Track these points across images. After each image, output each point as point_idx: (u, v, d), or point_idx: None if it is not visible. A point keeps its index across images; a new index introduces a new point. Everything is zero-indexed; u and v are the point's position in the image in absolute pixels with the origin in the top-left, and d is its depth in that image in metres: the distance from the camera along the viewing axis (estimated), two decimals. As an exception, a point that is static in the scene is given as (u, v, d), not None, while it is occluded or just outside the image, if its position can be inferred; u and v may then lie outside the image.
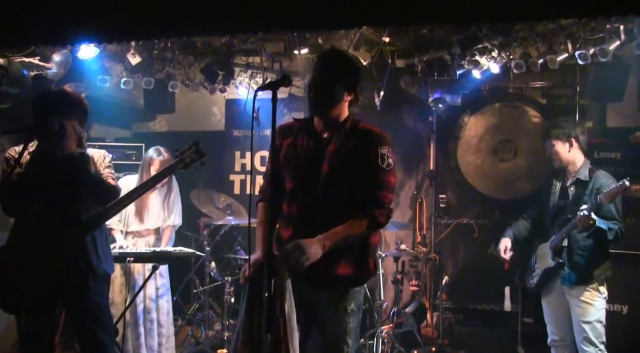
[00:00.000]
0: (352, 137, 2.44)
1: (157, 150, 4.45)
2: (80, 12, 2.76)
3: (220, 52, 5.41)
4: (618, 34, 4.19)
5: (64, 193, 2.79)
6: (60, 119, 2.75)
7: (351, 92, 2.49)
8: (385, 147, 2.42)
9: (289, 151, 2.52)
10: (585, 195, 3.43)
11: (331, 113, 2.47)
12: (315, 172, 2.43)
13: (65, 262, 2.72)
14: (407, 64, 5.28)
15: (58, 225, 2.75)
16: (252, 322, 2.21)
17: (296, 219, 2.44)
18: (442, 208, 5.67)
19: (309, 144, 2.49)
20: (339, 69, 2.47)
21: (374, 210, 2.38)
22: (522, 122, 5.48)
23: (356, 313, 2.48)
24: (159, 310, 4.47)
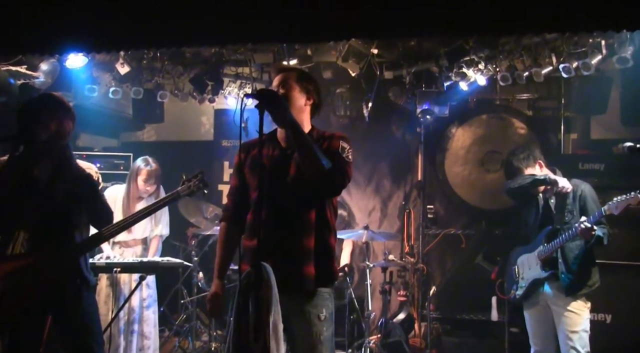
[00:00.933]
0: (318, 143, 2.52)
1: (145, 160, 4.44)
2: (69, 21, 2.76)
3: (209, 62, 5.43)
4: (600, 49, 4.28)
5: (58, 211, 2.74)
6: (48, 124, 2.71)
7: (310, 97, 2.59)
8: (346, 142, 2.53)
9: (253, 162, 2.58)
10: (568, 205, 3.48)
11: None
12: (282, 177, 2.49)
13: (60, 278, 2.69)
14: (395, 75, 5.34)
15: (51, 245, 2.71)
16: (240, 332, 2.21)
17: (264, 224, 2.41)
18: (430, 218, 5.70)
19: (274, 152, 2.57)
20: (296, 80, 2.57)
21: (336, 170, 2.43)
22: (509, 134, 5.55)
23: (329, 321, 2.48)
24: (144, 321, 4.44)
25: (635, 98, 4.79)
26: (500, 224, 5.45)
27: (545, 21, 2.36)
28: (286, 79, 2.57)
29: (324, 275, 2.48)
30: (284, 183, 2.48)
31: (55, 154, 2.77)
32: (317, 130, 2.63)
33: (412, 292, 5.57)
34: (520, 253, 3.73)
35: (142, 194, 4.40)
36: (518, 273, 3.69)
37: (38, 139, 2.69)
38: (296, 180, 2.47)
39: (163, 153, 5.25)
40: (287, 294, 2.34)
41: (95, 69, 5.38)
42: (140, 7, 2.70)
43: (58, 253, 2.69)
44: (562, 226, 3.46)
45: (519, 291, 3.64)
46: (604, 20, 2.21)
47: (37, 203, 2.71)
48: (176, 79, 5.59)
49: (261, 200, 2.45)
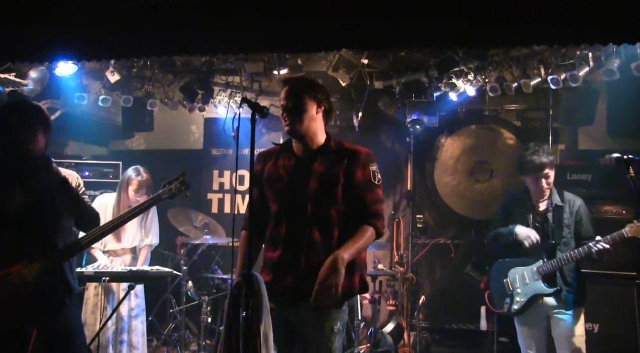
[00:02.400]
0: (340, 157, 2.52)
1: (136, 170, 4.42)
2: (59, 29, 2.76)
3: (199, 71, 5.43)
4: (587, 61, 4.34)
5: (40, 216, 2.71)
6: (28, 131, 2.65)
7: (320, 104, 2.55)
8: (374, 165, 2.57)
9: (271, 173, 2.56)
10: (565, 219, 3.44)
11: (306, 130, 2.52)
12: (302, 190, 2.48)
13: (43, 286, 2.66)
14: (385, 85, 5.37)
15: (33, 251, 2.67)
16: (230, 342, 2.20)
17: (284, 239, 2.46)
18: (419, 228, 5.72)
19: (290, 163, 2.54)
20: (305, 89, 2.55)
21: (376, 222, 2.51)
22: (498, 144, 5.60)
23: (341, 332, 2.50)
24: (132, 331, 4.39)
25: (621, 109, 4.86)
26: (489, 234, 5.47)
27: (533, 34, 2.39)
28: (294, 90, 2.54)
29: (343, 293, 2.42)
30: (304, 196, 2.47)
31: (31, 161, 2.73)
32: (334, 140, 2.60)
33: (401, 302, 5.57)
34: (510, 266, 3.63)
35: (132, 204, 4.36)
36: (511, 287, 3.58)
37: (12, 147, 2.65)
38: (317, 194, 2.46)
39: (152, 161, 5.23)
40: (305, 307, 2.36)
41: (85, 76, 5.36)
42: (130, 16, 2.70)
43: (40, 263, 2.65)
44: (560, 241, 3.41)
45: (516, 305, 3.53)
46: (591, 33, 2.25)
47: (15, 211, 2.67)
48: (166, 87, 5.59)
49: (281, 213, 2.49)
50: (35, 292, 2.63)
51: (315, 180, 2.48)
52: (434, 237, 5.71)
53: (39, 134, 2.70)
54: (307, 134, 2.52)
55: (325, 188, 2.47)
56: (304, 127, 2.50)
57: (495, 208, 5.47)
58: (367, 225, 2.48)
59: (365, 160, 2.53)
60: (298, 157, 2.55)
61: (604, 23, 2.21)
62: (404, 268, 5.62)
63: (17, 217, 2.66)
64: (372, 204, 2.52)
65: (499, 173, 5.54)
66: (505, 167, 5.51)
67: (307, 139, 2.54)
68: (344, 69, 5.00)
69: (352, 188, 2.49)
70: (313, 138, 2.54)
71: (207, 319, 4.82)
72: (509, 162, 5.51)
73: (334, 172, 2.49)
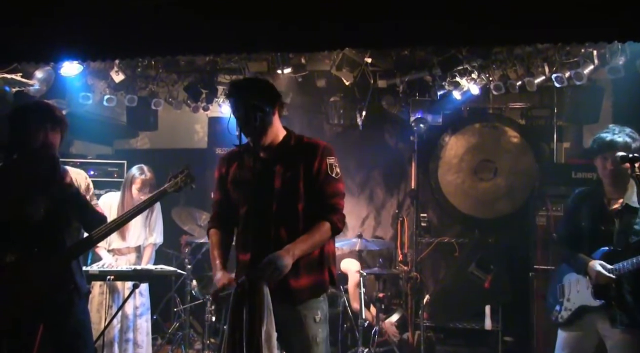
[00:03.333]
0: (299, 152, 2.53)
1: (140, 169, 4.44)
2: (65, 29, 2.77)
3: (203, 70, 5.44)
4: (592, 59, 4.32)
5: (48, 217, 2.72)
6: (43, 132, 2.69)
7: (269, 103, 2.51)
8: (332, 158, 2.52)
9: (237, 176, 2.56)
10: (637, 224, 2.93)
11: (263, 133, 2.50)
12: (267, 191, 2.48)
13: (52, 284, 2.68)
14: (389, 84, 5.37)
15: (42, 250, 2.69)
16: (234, 340, 2.21)
17: (253, 241, 2.46)
18: (423, 227, 5.70)
19: (255, 165, 2.54)
20: (253, 90, 2.52)
21: (332, 216, 2.47)
22: (502, 142, 5.58)
23: (324, 323, 2.50)
24: (136, 330, 4.42)
25: (627, 107, 4.84)
26: (494, 233, 5.47)
27: (537, 32, 2.39)
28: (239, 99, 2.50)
29: (314, 286, 2.48)
30: (269, 196, 2.47)
31: (44, 163, 2.75)
32: (294, 136, 2.59)
33: (405, 301, 5.56)
34: (567, 271, 3.20)
35: (136, 203, 4.38)
36: (563, 293, 3.18)
37: (27, 148, 2.68)
38: (282, 193, 2.47)
39: (157, 160, 5.25)
40: (280, 303, 2.34)
41: (90, 76, 5.39)
42: (134, 16, 2.71)
43: (49, 260, 2.67)
44: (622, 249, 2.92)
45: (564, 313, 3.13)
46: (596, 31, 2.24)
47: (25, 210, 2.69)
48: (170, 87, 5.60)
49: (250, 215, 2.48)
50: (44, 290, 2.65)
51: (279, 178, 2.48)
52: (438, 235, 5.69)
53: (57, 134, 2.74)
54: (265, 136, 2.51)
55: (288, 185, 2.47)
56: (260, 132, 2.48)
57: (499, 207, 5.52)
58: (324, 221, 2.45)
59: (323, 152, 2.50)
60: (260, 157, 2.54)
61: (608, 21, 2.20)
62: (408, 267, 5.61)
63: (28, 216, 2.68)
64: (329, 197, 2.49)
65: (503, 171, 5.53)
66: (509, 165, 5.50)
67: (266, 140, 2.52)
68: (347, 68, 5.00)
69: (311, 182, 2.48)
70: (271, 137, 2.53)
71: (211, 318, 4.83)
72: (514, 161, 5.51)
73: (295, 168, 2.48)
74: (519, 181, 5.43)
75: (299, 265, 2.40)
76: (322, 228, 2.44)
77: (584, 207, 3.12)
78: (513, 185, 5.46)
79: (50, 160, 2.75)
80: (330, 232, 2.47)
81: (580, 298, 3.06)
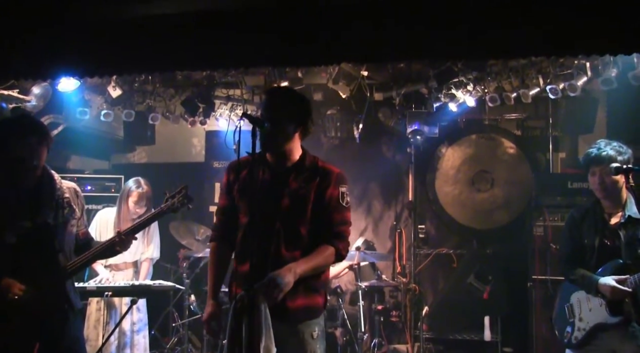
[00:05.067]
0: (313, 175, 2.51)
1: (137, 182, 4.43)
2: (61, 46, 2.78)
3: (200, 84, 5.47)
4: (585, 71, 4.37)
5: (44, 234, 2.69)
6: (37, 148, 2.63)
7: (300, 122, 2.51)
8: (344, 186, 2.54)
9: (244, 184, 2.52)
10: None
11: (283, 149, 2.51)
12: (273, 206, 2.45)
13: (46, 303, 2.66)
14: (385, 97, 5.41)
15: (36, 270, 2.66)
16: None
17: (253, 253, 2.40)
18: (421, 238, 5.72)
19: (265, 177, 2.52)
20: (287, 105, 2.50)
21: (338, 243, 2.48)
22: (498, 153, 5.61)
23: (321, 338, 2.49)
24: (134, 346, 4.38)
25: (621, 117, 4.88)
26: (492, 243, 5.48)
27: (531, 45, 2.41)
28: (273, 106, 2.49)
29: (309, 308, 2.47)
30: (275, 212, 2.45)
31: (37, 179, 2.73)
32: (309, 157, 2.58)
33: (404, 313, 5.55)
34: (574, 289, 3.10)
35: (132, 216, 4.38)
36: (573, 313, 3.06)
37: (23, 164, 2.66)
38: (288, 211, 2.46)
39: (154, 174, 5.25)
40: (277, 321, 2.32)
41: (87, 92, 5.39)
42: (131, 32, 2.73)
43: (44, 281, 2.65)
44: (632, 261, 2.86)
45: (577, 333, 3.00)
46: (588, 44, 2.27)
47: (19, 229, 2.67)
48: (167, 101, 5.62)
49: (251, 227, 2.45)
50: (38, 309, 2.63)
51: (288, 197, 2.46)
52: (436, 247, 5.70)
53: (45, 148, 2.70)
54: (284, 151, 2.51)
55: (296, 206, 2.46)
56: (281, 146, 2.49)
57: (497, 218, 5.53)
58: (328, 245, 2.46)
59: (337, 180, 2.52)
60: (273, 171, 2.53)
61: (600, 34, 2.23)
62: (407, 279, 5.61)
63: (21, 235, 2.66)
64: (337, 225, 2.50)
65: (500, 182, 5.54)
66: (506, 176, 5.52)
67: (283, 156, 2.52)
68: (344, 81, 5.03)
69: (321, 207, 2.47)
70: (289, 155, 2.53)
71: (210, 333, 4.80)
72: (510, 171, 5.53)
73: (306, 190, 2.47)
74: (516, 191, 5.45)
75: (297, 286, 2.36)
76: (327, 252, 2.45)
77: (585, 225, 3.07)
78: (510, 196, 5.47)
79: (42, 175, 2.73)
80: (334, 257, 2.48)
81: (594, 317, 2.95)
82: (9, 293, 2.56)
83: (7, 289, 2.56)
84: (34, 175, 2.71)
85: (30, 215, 2.67)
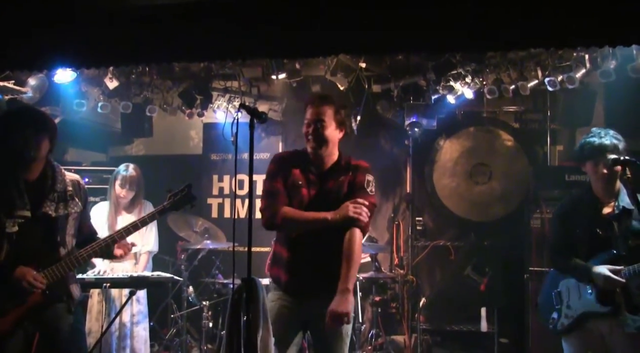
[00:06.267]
0: (346, 172, 2.77)
1: (125, 166, 4.45)
2: (58, 38, 2.77)
3: (198, 76, 5.45)
4: (584, 63, 4.36)
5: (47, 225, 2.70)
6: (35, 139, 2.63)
7: (342, 128, 2.79)
8: (370, 176, 2.79)
9: (295, 182, 2.73)
10: (633, 226, 2.89)
11: (327, 152, 2.75)
12: (315, 205, 2.69)
13: (46, 297, 2.67)
14: (383, 89, 5.40)
15: (36, 260, 2.67)
16: (232, 347, 2.21)
17: (298, 243, 2.69)
18: (418, 230, 5.73)
19: (311, 178, 2.75)
20: (330, 111, 2.75)
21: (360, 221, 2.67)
22: (496, 146, 5.61)
23: (349, 336, 2.72)
24: (134, 337, 4.40)
25: (619, 110, 4.88)
26: (489, 236, 5.49)
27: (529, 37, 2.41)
28: (323, 114, 2.72)
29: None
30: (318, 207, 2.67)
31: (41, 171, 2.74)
32: (344, 158, 2.81)
33: (401, 304, 5.58)
34: (562, 277, 3.11)
35: (119, 200, 4.38)
36: (561, 300, 3.07)
37: (21, 155, 2.65)
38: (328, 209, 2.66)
39: (152, 167, 5.25)
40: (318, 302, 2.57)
41: (84, 83, 5.37)
42: (128, 23, 2.71)
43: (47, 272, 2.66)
44: (625, 252, 2.86)
45: (564, 320, 3.01)
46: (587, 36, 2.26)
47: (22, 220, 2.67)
48: (165, 93, 5.61)
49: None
50: (40, 299, 2.64)
51: (328, 197, 2.70)
52: (433, 239, 5.72)
53: (45, 140, 2.70)
54: (327, 155, 2.76)
55: (334, 202, 2.68)
56: (326, 151, 2.74)
57: (494, 210, 5.54)
58: (352, 228, 2.65)
59: (363, 170, 2.79)
60: (317, 173, 2.76)
61: (599, 26, 2.22)
62: (404, 271, 5.63)
63: (23, 226, 2.66)
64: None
65: (497, 175, 5.55)
66: (504, 169, 5.53)
67: (325, 159, 2.76)
68: (342, 73, 5.02)
69: (350, 194, 2.72)
70: (330, 158, 2.77)
71: (208, 324, 4.82)
72: (508, 164, 5.54)
73: (341, 187, 2.73)
74: (514, 184, 5.46)
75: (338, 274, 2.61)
76: (357, 236, 2.66)
77: (577, 214, 3.04)
78: (507, 188, 5.48)
79: (45, 166, 2.74)
80: (362, 235, 2.70)
81: (582, 305, 2.95)
82: (23, 281, 2.57)
83: (22, 277, 2.58)
84: (35, 166, 2.71)
85: (31, 206, 2.67)
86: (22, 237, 2.65)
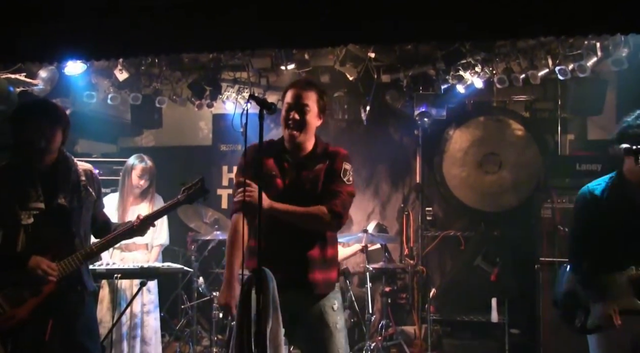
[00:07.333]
0: (324, 159, 2.67)
1: (140, 157, 4.45)
2: (68, 30, 2.78)
3: (207, 67, 5.45)
4: (595, 51, 4.31)
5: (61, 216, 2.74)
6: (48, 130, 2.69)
7: (322, 113, 2.70)
8: (348, 163, 2.67)
9: (268, 171, 2.63)
10: None
11: (306, 139, 2.66)
12: (290, 194, 2.59)
13: (60, 286, 2.70)
14: (392, 78, 5.37)
15: (51, 251, 2.70)
16: (242, 338, 2.23)
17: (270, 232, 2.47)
18: (428, 220, 5.72)
19: (285, 166, 2.66)
20: (312, 95, 2.66)
21: (331, 200, 2.57)
22: (506, 135, 5.57)
23: (341, 311, 2.65)
24: (144, 327, 4.43)
25: (631, 98, 4.81)
26: (499, 226, 5.47)
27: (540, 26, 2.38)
28: (304, 99, 2.63)
29: (325, 282, 2.62)
30: (291, 199, 2.56)
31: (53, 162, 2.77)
32: (321, 144, 2.71)
33: (412, 294, 5.58)
34: None
35: (135, 190, 4.40)
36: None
37: (33, 147, 2.68)
38: (303, 197, 2.57)
39: (161, 158, 5.26)
40: (296, 294, 2.47)
41: (94, 75, 5.40)
42: (137, 15, 2.72)
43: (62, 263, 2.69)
44: None
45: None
46: (599, 23, 2.23)
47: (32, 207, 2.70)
48: (174, 84, 5.62)
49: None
50: (55, 289, 2.67)
51: (303, 185, 2.61)
52: (443, 229, 5.70)
53: (58, 132, 2.73)
54: (304, 141, 2.66)
55: (310, 190, 2.60)
56: (304, 137, 2.64)
57: (505, 200, 5.51)
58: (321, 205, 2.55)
59: (342, 158, 2.66)
60: (292, 161, 2.66)
61: (611, 13, 2.20)
62: (414, 261, 5.63)
63: (38, 217, 2.69)
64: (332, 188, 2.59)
65: (508, 164, 5.51)
66: (514, 158, 5.49)
67: (303, 146, 2.67)
68: (351, 63, 5.00)
69: (327, 182, 2.62)
70: (307, 145, 2.68)
71: (218, 315, 4.85)
72: (518, 153, 5.50)
73: (317, 174, 2.63)
74: (524, 174, 5.42)
75: (314, 262, 2.57)
76: (315, 208, 2.54)
77: (609, 203, 2.74)
78: (518, 178, 5.45)
79: (58, 158, 2.76)
80: (328, 215, 2.54)
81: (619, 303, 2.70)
82: (38, 269, 2.61)
83: (36, 266, 2.62)
84: (48, 158, 2.74)
85: (45, 197, 2.70)
86: (37, 229, 2.69)
